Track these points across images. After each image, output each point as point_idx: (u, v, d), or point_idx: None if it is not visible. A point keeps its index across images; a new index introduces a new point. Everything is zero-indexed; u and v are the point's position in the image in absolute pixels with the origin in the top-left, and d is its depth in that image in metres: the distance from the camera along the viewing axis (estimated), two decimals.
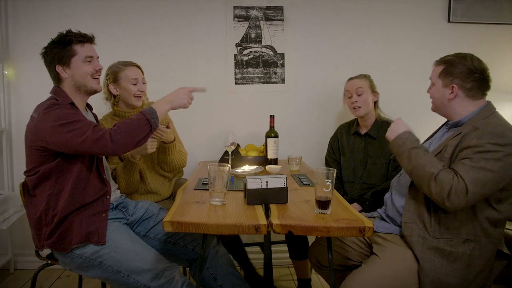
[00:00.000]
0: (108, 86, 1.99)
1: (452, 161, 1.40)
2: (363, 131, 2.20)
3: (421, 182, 1.38)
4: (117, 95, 1.99)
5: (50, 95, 1.59)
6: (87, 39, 1.60)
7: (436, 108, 1.59)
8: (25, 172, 1.56)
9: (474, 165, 1.31)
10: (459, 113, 1.50)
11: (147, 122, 1.48)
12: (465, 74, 1.46)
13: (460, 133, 1.43)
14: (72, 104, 1.56)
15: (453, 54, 1.52)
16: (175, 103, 1.61)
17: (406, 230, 1.47)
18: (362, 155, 2.16)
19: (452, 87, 1.47)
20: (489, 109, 1.46)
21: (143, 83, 2.03)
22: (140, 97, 2.00)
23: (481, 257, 1.39)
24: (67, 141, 1.43)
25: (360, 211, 1.96)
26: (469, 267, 1.38)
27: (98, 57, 1.65)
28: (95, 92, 1.65)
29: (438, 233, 1.41)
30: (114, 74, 1.98)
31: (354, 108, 2.15)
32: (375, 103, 2.19)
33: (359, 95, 2.13)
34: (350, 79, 2.22)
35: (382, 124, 2.13)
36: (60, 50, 1.56)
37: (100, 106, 2.08)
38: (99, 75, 1.65)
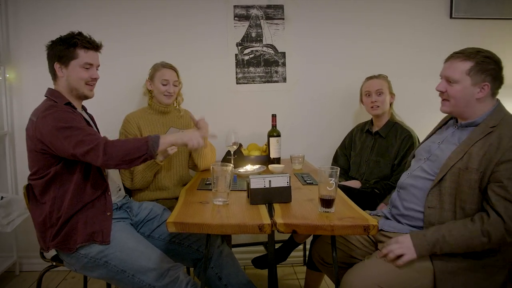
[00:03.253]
0: (146, 81, 2.17)
1: (486, 175, 1.32)
2: (374, 129, 2.24)
3: (481, 248, 1.32)
4: (151, 90, 2.16)
5: (46, 97, 1.59)
6: (93, 47, 1.60)
7: (454, 108, 1.45)
8: (30, 176, 1.57)
9: None
10: (477, 113, 1.42)
11: (146, 146, 1.45)
12: (496, 71, 1.39)
13: (481, 139, 1.36)
14: (69, 104, 1.56)
15: (472, 49, 1.41)
16: (184, 139, 1.56)
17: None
18: (369, 153, 2.20)
19: (485, 85, 1.38)
20: (501, 108, 1.43)
21: (175, 85, 2.13)
22: (168, 96, 2.11)
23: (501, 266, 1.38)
24: (63, 147, 1.44)
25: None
26: (490, 277, 1.37)
27: (98, 66, 1.65)
28: (85, 98, 1.65)
29: None
30: (152, 72, 2.15)
31: (372, 108, 2.19)
32: (390, 104, 2.25)
33: (378, 94, 2.17)
34: (370, 78, 2.25)
35: (394, 126, 2.18)
36: (63, 49, 1.56)
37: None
38: (94, 83, 1.65)
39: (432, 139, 1.59)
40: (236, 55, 2.61)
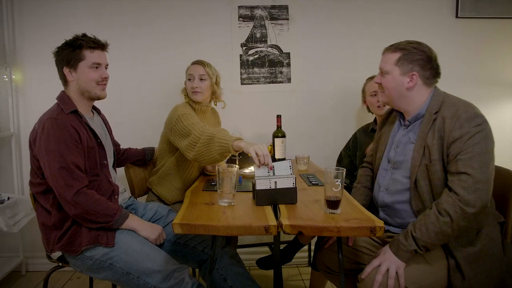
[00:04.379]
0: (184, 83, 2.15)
1: (444, 161, 1.37)
2: None
3: (452, 230, 1.33)
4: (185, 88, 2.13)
5: (56, 101, 1.60)
6: (99, 46, 1.60)
7: (389, 100, 1.51)
8: (30, 183, 1.58)
9: (470, 155, 1.30)
10: (416, 103, 1.46)
11: (113, 216, 1.50)
12: (424, 61, 1.44)
13: (430, 128, 1.40)
14: (75, 111, 1.57)
15: (404, 41, 1.48)
16: (143, 232, 1.57)
17: None
18: None
19: (413, 75, 1.43)
20: (438, 92, 1.46)
21: (203, 79, 2.06)
22: (195, 92, 2.04)
23: (492, 242, 1.38)
24: (45, 170, 1.47)
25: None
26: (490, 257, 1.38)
27: (107, 65, 1.66)
28: (98, 98, 1.65)
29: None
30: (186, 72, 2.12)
31: (379, 107, 2.18)
32: None
33: None
34: (372, 78, 2.23)
35: None
36: (69, 52, 1.56)
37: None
38: (105, 83, 1.65)
39: (386, 148, 1.60)
40: (240, 55, 2.61)
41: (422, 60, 1.43)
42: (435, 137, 1.38)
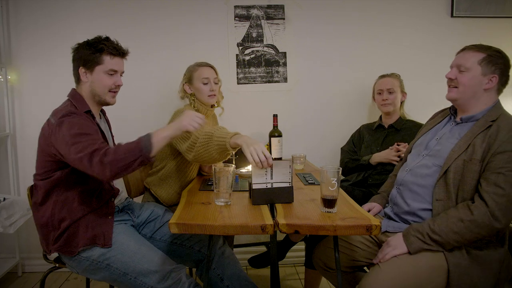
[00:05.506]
0: (183, 85, 2.09)
1: (484, 164, 1.37)
2: (386, 124, 2.29)
3: (471, 235, 1.35)
4: (192, 93, 2.08)
5: (67, 98, 1.59)
6: (119, 53, 1.60)
7: (461, 96, 1.49)
8: (36, 175, 1.56)
9: None
10: (481, 106, 1.48)
11: (138, 147, 1.36)
12: (505, 67, 1.47)
13: (482, 131, 1.41)
14: (89, 111, 1.56)
15: (485, 45, 1.49)
16: (182, 127, 1.44)
17: None
18: (381, 143, 2.23)
19: (492, 77, 1.45)
20: (500, 105, 1.48)
21: (215, 83, 2.07)
22: (212, 96, 2.04)
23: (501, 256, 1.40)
24: (69, 154, 1.39)
25: None
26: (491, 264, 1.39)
27: (123, 73, 1.66)
28: (107, 104, 1.65)
29: None
30: (189, 74, 2.07)
31: (383, 105, 2.25)
32: (402, 102, 2.30)
33: (390, 93, 2.23)
34: (383, 76, 2.31)
35: (407, 121, 2.25)
36: (89, 54, 1.55)
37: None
38: (117, 90, 1.65)
39: (428, 136, 1.62)
40: (237, 55, 2.61)
41: (503, 65, 1.46)
42: (484, 141, 1.38)
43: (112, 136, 1.83)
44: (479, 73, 1.45)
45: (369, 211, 1.72)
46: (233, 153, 2.07)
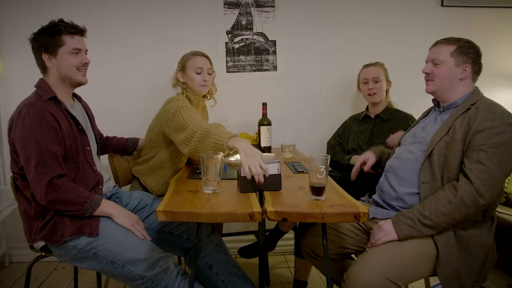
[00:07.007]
0: (176, 73, 2.05)
1: (465, 144, 1.41)
2: (373, 114, 2.28)
3: (460, 214, 1.38)
4: (183, 82, 2.03)
5: (35, 89, 1.56)
6: (78, 31, 1.57)
7: (438, 88, 1.56)
8: (12, 171, 1.55)
9: (496, 151, 1.35)
10: (458, 94, 1.54)
11: (83, 204, 1.46)
12: (476, 56, 1.53)
13: (461, 114, 1.46)
14: (54, 98, 1.53)
15: (455, 37, 1.56)
16: (118, 218, 1.54)
17: None
18: (368, 134, 2.22)
19: (466, 67, 1.51)
20: (478, 91, 1.54)
21: (209, 74, 2.03)
22: (204, 85, 2.01)
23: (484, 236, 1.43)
24: (20, 157, 1.45)
25: None
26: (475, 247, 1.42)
27: (87, 50, 1.62)
28: (79, 84, 1.63)
29: None
30: (183, 63, 2.03)
31: (369, 95, 2.24)
32: (387, 91, 2.29)
33: (375, 82, 2.23)
34: (367, 66, 2.30)
35: (394, 111, 2.24)
36: (48, 39, 1.52)
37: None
38: (86, 68, 1.62)
39: (416, 127, 1.67)
40: (226, 43, 2.58)
41: (474, 54, 1.52)
42: (463, 122, 1.44)
43: (93, 120, 1.80)
44: (453, 65, 1.52)
45: (364, 163, 1.76)
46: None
